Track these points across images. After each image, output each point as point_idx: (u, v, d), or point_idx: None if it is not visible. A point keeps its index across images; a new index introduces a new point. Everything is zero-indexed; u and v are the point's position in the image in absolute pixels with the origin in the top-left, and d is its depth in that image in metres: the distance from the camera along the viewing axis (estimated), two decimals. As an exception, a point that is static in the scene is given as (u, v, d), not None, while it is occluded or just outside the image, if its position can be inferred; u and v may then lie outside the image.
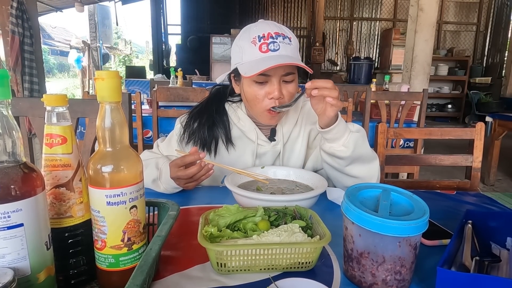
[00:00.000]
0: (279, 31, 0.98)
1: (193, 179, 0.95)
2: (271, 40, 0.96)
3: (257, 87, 1.00)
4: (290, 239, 0.63)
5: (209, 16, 9.20)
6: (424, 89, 2.75)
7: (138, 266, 0.47)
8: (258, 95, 1.00)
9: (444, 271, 0.51)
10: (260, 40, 0.96)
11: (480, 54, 9.11)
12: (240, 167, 1.09)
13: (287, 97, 1.01)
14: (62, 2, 7.38)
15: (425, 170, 4.16)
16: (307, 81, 0.96)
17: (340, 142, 0.93)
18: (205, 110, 1.14)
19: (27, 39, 3.90)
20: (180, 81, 3.70)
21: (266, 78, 0.98)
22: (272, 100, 1.00)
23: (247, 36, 0.99)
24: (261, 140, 1.12)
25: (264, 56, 0.95)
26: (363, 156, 0.97)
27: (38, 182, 0.48)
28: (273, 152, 1.12)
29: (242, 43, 1.00)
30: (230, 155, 1.13)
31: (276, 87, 0.98)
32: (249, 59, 0.98)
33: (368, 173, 0.99)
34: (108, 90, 0.52)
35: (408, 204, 0.62)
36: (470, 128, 1.37)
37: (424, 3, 3.94)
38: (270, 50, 0.95)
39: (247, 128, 1.12)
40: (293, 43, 0.99)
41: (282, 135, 1.13)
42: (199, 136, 1.11)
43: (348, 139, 0.93)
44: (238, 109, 1.14)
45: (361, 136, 0.95)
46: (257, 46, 0.96)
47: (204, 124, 1.11)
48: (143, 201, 0.57)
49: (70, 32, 15.86)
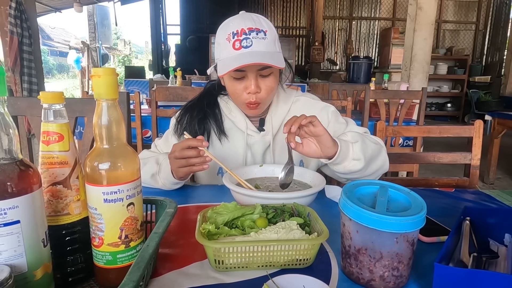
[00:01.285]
0: (253, 25, 0.98)
1: (187, 163, 0.92)
2: (244, 36, 0.97)
3: (236, 82, 1.03)
4: (288, 236, 0.63)
5: (208, 16, 9.19)
6: (423, 88, 2.75)
7: (135, 263, 0.47)
8: (236, 90, 1.04)
9: (441, 267, 0.51)
10: (234, 36, 0.98)
11: (479, 53, 9.11)
12: (233, 157, 1.13)
13: (265, 91, 1.03)
14: (61, 3, 7.38)
15: (425, 169, 4.16)
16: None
17: (349, 158, 0.94)
18: (197, 104, 1.17)
19: (25, 40, 3.90)
20: (179, 81, 3.70)
21: (242, 74, 1.01)
22: (249, 94, 1.02)
23: (224, 32, 1.01)
24: (250, 130, 1.14)
25: (237, 53, 0.97)
26: (373, 153, 1.00)
27: (34, 179, 0.48)
28: (262, 142, 1.14)
29: (219, 39, 1.03)
30: (223, 146, 1.15)
31: (252, 82, 1.01)
32: (225, 56, 1.00)
33: (383, 162, 1.04)
34: (105, 87, 0.52)
35: (405, 201, 0.62)
36: (468, 126, 1.37)
37: (422, 2, 3.93)
38: (243, 47, 0.97)
39: (238, 119, 1.14)
40: (269, 36, 1.00)
41: (271, 126, 1.14)
42: (190, 129, 1.13)
43: (354, 151, 0.94)
44: (229, 101, 1.17)
45: (361, 141, 0.97)
46: (231, 43, 0.98)
47: (195, 117, 1.14)
48: (140, 198, 0.57)
49: (69, 33, 15.86)
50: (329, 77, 8.11)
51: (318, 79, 7.80)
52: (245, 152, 1.14)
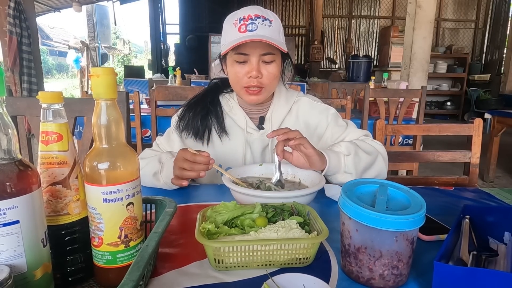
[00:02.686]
0: (260, 13, 1.02)
1: (191, 167, 0.92)
2: (250, 21, 1.00)
3: (238, 67, 1.05)
4: (287, 235, 0.63)
5: (208, 15, 9.18)
6: (423, 86, 2.75)
7: (135, 262, 0.47)
8: (238, 73, 1.05)
9: (440, 265, 0.51)
10: (240, 21, 1.01)
11: (479, 51, 9.10)
12: (232, 155, 1.14)
13: (267, 77, 1.05)
14: (60, 2, 7.36)
15: (425, 167, 4.16)
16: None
17: (341, 171, 0.98)
18: (201, 101, 1.17)
19: (25, 39, 3.90)
20: (178, 80, 3.70)
21: (245, 58, 1.03)
22: (250, 78, 1.04)
23: (231, 19, 1.05)
24: (250, 128, 1.14)
25: (241, 35, 1.00)
26: (367, 165, 1.02)
27: (33, 179, 0.48)
28: (261, 140, 1.14)
29: (226, 26, 1.06)
30: (223, 143, 1.15)
31: (254, 66, 1.03)
32: (229, 40, 1.02)
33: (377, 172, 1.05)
34: (104, 87, 0.52)
35: (405, 199, 0.62)
36: (468, 124, 1.37)
37: (422, 1, 3.93)
38: (248, 31, 1.00)
39: (238, 116, 1.15)
40: (274, 25, 1.03)
41: (271, 124, 1.15)
42: (192, 125, 1.14)
43: (346, 164, 0.97)
44: (230, 99, 1.18)
45: (354, 154, 0.98)
46: (236, 27, 1.01)
47: (198, 114, 1.14)
48: (140, 198, 0.57)
49: (68, 33, 15.84)
50: (329, 76, 8.12)
51: (317, 78, 7.80)
52: (244, 149, 1.14)
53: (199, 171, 0.92)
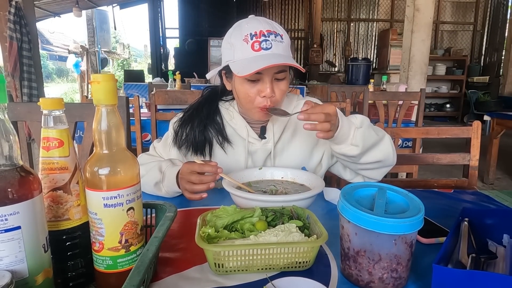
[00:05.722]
0: (270, 28, 0.97)
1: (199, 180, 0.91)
2: (263, 38, 0.95)
3: (249, 85, 1.00)
4: (287, 238, 0.63)
5: (207, 19, 9.22)
6: (422, 89, 2.76)
7: (135, 267, 0.47)
8: (250, 93, 1.00)
9: (440, 268, 0.51)
10: (252, 38, 0.96)
11: (477, 53, 9.13)
12: (233, 165, 1.11)
13: (279, 95, 1.01)
14: (60, 7, 7.39)
15: (424, 170, 4.17)
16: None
17: (348, 142, 0.93)
18: (196, 114, 1.13)
19: (25, 45, 3.91)
20: (178, 84, 3.71)
21: (258, 77, 0.98)
22: (264, 98, 1.00)
23: (239, 33, 0.98)
24: (251, 137, 1.12)
25: (257, 55, 0.95)
26: (373, 143, 0.97)
27: (35, 185, 0.48)
28: (263, 150, 1.12)
29: (234, 40, 0.99)
30: (224, 154, 1.13)
31: (268, 85, 0.98)
32: (241, 57, 0.97)
33: (382, 153, 1.00)
34: (104, 93, 0.52)
35: (403, 202, 0.62)
36: (466, 127, 1.37)
37: (420, 4, 3.95)
38: (263, 49, 0.95)
39: (239, 126, 1.12)
40: (285, 40, 0.99)
41: (273, 134, 1.12)
42: (191, 141, 1.10)
43: (354, 136, 0.93)
44: (230, 107, 1.15)
45: (366, 128, 0.95)
46: (249, 44, 0.96)
47: (195, 129, 1.11)
48: (140, 203, 0.58)
49: (68, 37, 15.86)
50: (328, 79, 8.13)
51: (317, 81, 7.82)
52: (246, 159, 1.12)
53: (208, 182, 0.90)
